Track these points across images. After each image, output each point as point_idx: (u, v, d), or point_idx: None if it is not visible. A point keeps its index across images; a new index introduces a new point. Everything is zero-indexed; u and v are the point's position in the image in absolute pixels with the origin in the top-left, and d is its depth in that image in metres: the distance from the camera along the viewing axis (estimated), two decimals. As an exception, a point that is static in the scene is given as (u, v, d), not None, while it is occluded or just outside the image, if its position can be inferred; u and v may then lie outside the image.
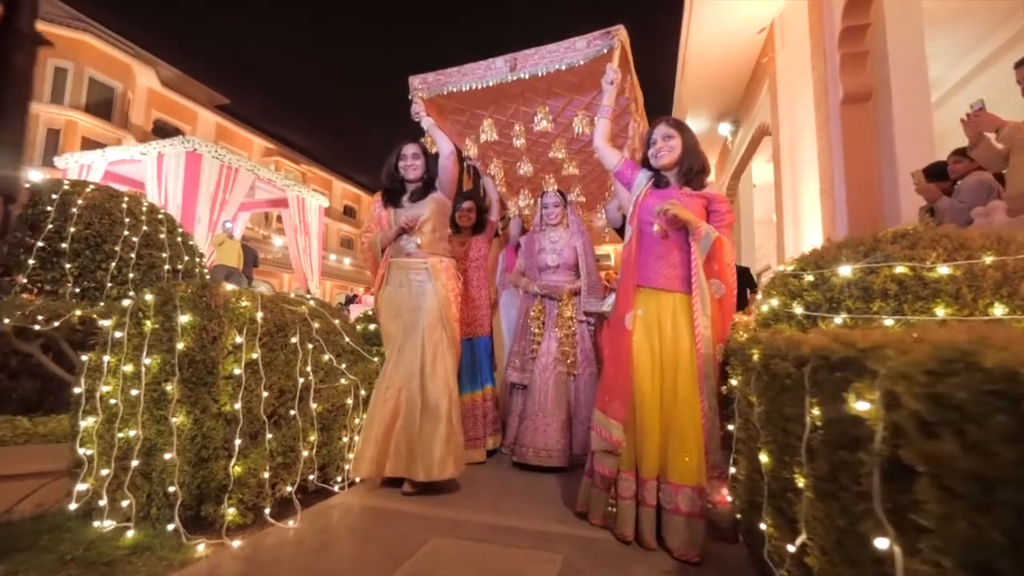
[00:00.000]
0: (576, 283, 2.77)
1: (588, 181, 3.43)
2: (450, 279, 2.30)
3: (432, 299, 2.22)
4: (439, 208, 2.34)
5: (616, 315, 1.81)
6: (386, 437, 2.12)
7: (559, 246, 2.81)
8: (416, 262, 2.29)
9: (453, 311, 2.27)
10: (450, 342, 2.23)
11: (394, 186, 2.39)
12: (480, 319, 2.86)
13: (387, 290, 2.31)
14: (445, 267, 2.30)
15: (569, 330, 2.66)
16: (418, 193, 2.36)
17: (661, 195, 1.83)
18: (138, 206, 4.01)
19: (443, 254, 2.35)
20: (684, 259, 1.79)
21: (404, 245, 2.31)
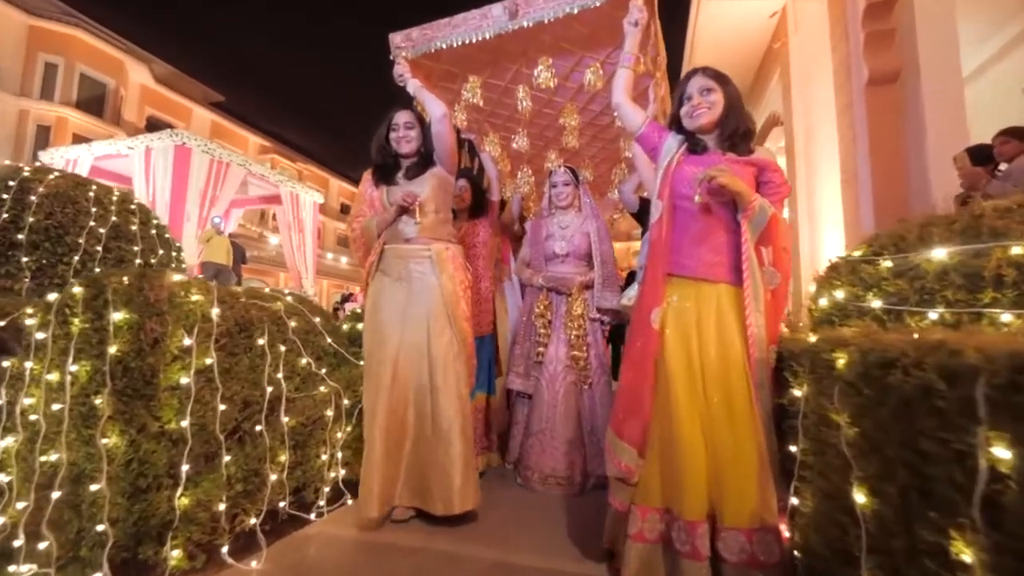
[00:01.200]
0: (589, 274, 2.43)
1: (599, 161, 3.08)
2: (458, 270, 1.95)
3: (437, 296, 1.88)
4: (441, 185, 1.99)
5: (640, 311, 1.48)
6: (393, 463, 1.79)
7: (569, 232, 2.46)
8: (417, 249, 1.93)
9: (463, 308, 1.93)
10: (461, 347, 1.89)
11: (386, 162, 2.03)
12: (481, 317, 2.52)
13: (382, 283, 1.95)
14: (452, 256, 1.95)
15: (580, 330, 2.32)
16: (415, 169, 2.00)
17: (699, 162, 1.49)
18: (107, 195, 3.68)
19: (448, 240, 2.01)
20: (731, 241, 1.46)
21: (402, 229, 1.96)
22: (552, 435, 2.24)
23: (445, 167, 2.01)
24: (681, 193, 1.50)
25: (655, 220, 1.52)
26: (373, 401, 1.83)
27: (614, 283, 2.42)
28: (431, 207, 1.97)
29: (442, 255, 1.93)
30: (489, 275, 2.59)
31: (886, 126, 4.52)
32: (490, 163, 2.72)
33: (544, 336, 2.35)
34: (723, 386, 1.37)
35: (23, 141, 14.99)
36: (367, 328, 1.93)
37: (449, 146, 1.96)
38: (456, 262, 1.97)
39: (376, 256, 1.97)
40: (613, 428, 1.43)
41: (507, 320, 2.74)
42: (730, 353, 1.38)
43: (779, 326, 1.44)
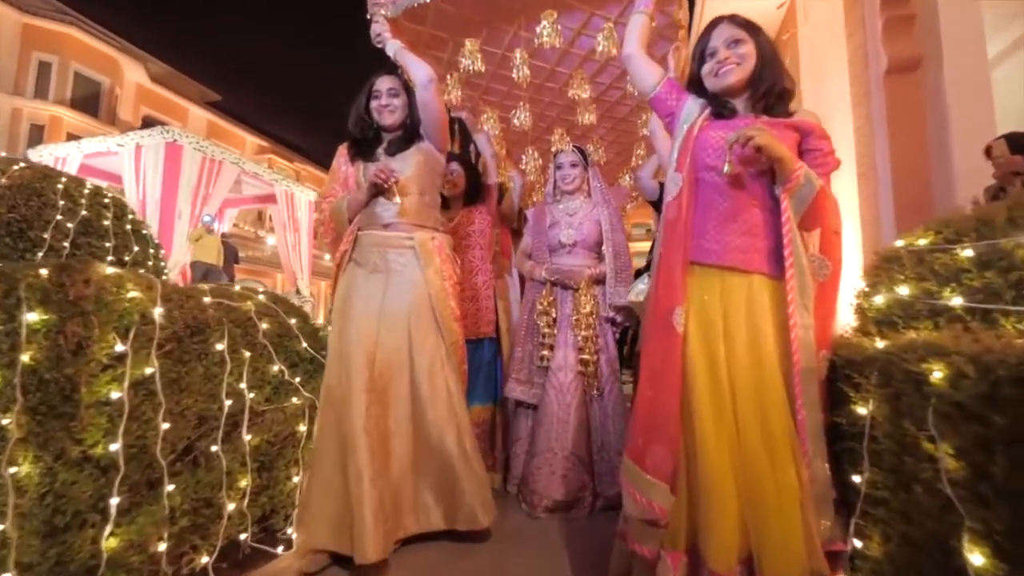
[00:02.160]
0: (599, 267, 2.18)
1: (610, 142, 2.83)
2: (446, 263, 1.69)
3: (422, 292, 1.62)
4: (427, 163, 1.72)
5: (657, 310, 1.21)
6: (388, 489, 1.50)
7: (577, 219, 2.21)
8: (398, 237, 1.66)
9: (452, 307, 1.67)
10: (450, 350, 1.64)
11: (365, 135, 1.76)
12: (479, 316, 2.25)
13: (355, 275, 1.67)
14: (438, 246, 1.70)
15: (590, 331, 2.07)
16: (398, 144, 1.73)
17: (727, 128, 1.24)
18: (78, 188, 3.44)
19: (435, 228, 1.74)
20: (767, 222, 1.21)
21: (379, 213, 1.68)
22: (563, 455, 1.97)
23: (434, 143, 1.74)
24: (704, 163, 1.24)
25: (672, 198, 1.26)
26: (339, 420, 1.52)
27: (629, 277, 2.16)
28: (414, 188, 1.70)
29: (427, 245, 1.66)
30: (488, 269, 2.32)
31: (906, 116, 4.29)
32: (485, 142, 2.45)
33: (549, 337, 2.09)
34: (758, 403, 1.11)
35: (16, 140, 14.78)
36: (334, 328, 1.65)
37: (438, 118, 1.70)
38: (443, 254, 1.70)
39: (349, 244, 1.70)
40: (632, 457, 1.16)
41: (510, 321, 2.49)
42: (766, 361, 1.12)
43: (831, 327, 1.19)
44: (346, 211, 1.71)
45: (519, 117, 2.28)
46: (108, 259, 3.48)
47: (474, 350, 2.23)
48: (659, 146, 1.78)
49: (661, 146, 1.76)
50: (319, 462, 1.52)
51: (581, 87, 2.17)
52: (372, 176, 1.61)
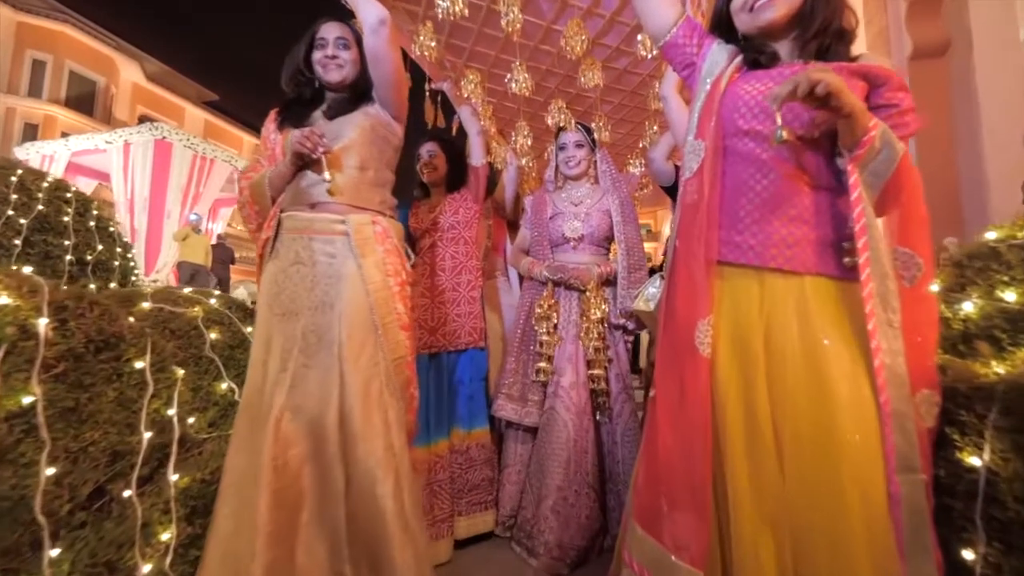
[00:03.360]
0: (609, 265, 1.89)
1: (616, 121, 2.52)
2: (391, 255, 1.34)
3: (357, 291, 1.27)
4: (375, 131, 1.39)
5: (674, 325, 0.93)
6: (284, 548, 1.12)
7: (583, 209, 1.92)
8: (326, 220, 1.32)
9: (399, 311, 1.32)
10: (393, 368, 1.27)
11: (302, 93, 1.44)
12: (461, 322, 1.94)
13: (275, 270, 1.34)
14: (381, 234, 1.34)
15: (600, 341, 1.78)
16: (340, 105, 1.41)
17: (767, 79, 0.95)
18: (36, 181, 3.17)
19: (379, 210, 1.39)
20: (826, 204, 0.92)
21: (307, 189, 1.35)
22: (584, 493, 1.64)
23: (387, 107, 1.41)
24: (736, 127, 0.94)
25: (691, 174, 0.96)
26: (244, 453, 1.18)
27: (643, 277, 1.86)
28: (354, 160, 1.36)
29: (364, 231, 1.32)
30: (474, 267, 2.01)
31: (932, 104, 4.00)
32: (470, 116, 2.10)
33: (547, 346, 1.80)
34: (820, 462, 0.79)
35: (9, 140, 14.58)
36: (254, 338, 1.33)
37: (391, 74, 1.35)
38: (388, 243, 1.35)
39: (271, 231, 1.37)
40: (644, 523, 0.87)
41: (504, 328, 2.19)
42: (835, 400, 0.80)
43: (932, 355, 0.86)
44: (268, 188, 1.38)
45: (516, 81, 1.94)
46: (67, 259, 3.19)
47: (455, 364, 1.93)
48: (674, 117, 1.47)
49: (676, 117, 1.46)
50: (218, 504, 1.18)
51: (576, 39, 1.80)
52: (295, 142, 1.29)
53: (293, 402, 1.20)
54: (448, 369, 1.92)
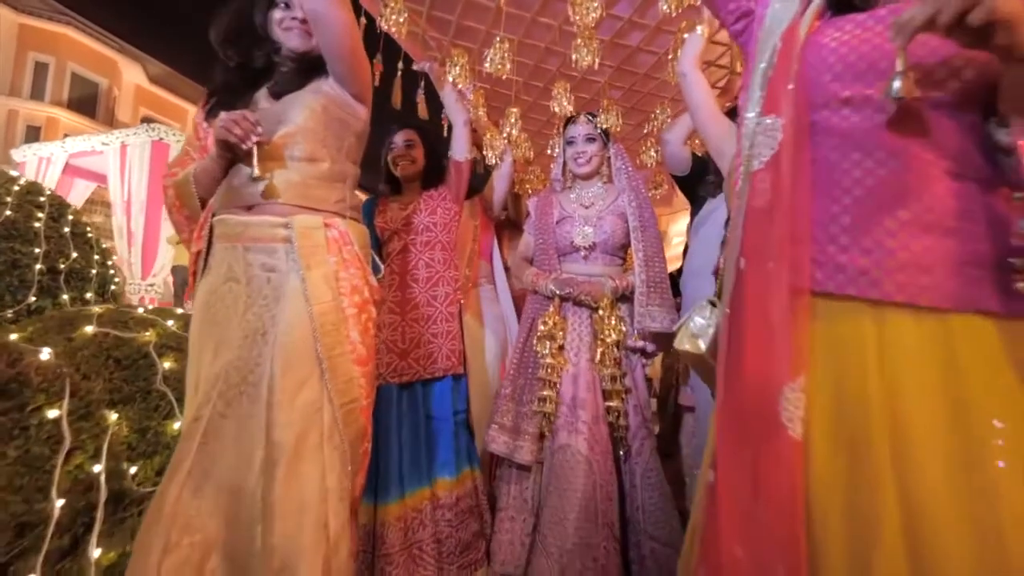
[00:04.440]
0: (625, 278, 1.64)
1: (626, 110, 2.24)
2: (348, 266, 1.10)
3: (297, 311, 1.01)
4: (328, 111, 1.13)
5: (742, 387, 0.67)
6: None
7: (595, 212, 1.66)
8: (265, 224, 1.06)
9: (350, 340, 1.05)
10: (342, 416, 1.00)
11: (247, 65, 1.18)
12: (437, 344, 1.65)
13: (205, 288, 1.09)
14: (337, 239, 1.09)
15: (616, 368, 1.53)
16: (289, 80, 1.16)
17: (870, 24, 0.67)
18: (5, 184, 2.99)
19: (335, 211, 1.14)
20: (976, 203, 0.62)
21: (240, 187, 1.10)
22: (608, 546, 1.39)
23: (344, 81, 1.15)
24: (829, 94, 0.67)
25: (761, 166, 0.69)
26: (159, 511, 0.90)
27: (665, 290, 1.61)
28: (300, 150, 1.09)
29: (312, 236, 1.05)
30: (453, 277, 1.75)
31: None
32: (455, 103, 1.82)
33: (551, 371, 1.55)
34: None
35: (12, 142, 14.54)
36: (187, 381, 1.08)
37: (341, 38, 1.09)
38: (347, 252, 1.09)
39: (202, 241, 1.11)
40: None
41: (485, 350, 1.91)
42: (1007, 553, 0.51)
43: None
44: (194, 186, 1.12)
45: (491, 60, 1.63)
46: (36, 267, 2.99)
47: (433, 394, 1.65)
48: (694, 97, 1.23)
49: (697, 97, 1.22)
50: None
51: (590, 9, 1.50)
52: (220, 127, 1.03)
53: (201, 466, 0.92)
54: (424, 401, 1.64)
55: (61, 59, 15.70)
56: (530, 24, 1.78)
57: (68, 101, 15.59)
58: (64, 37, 15.76)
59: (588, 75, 2.18)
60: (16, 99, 14.90)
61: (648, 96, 2.24)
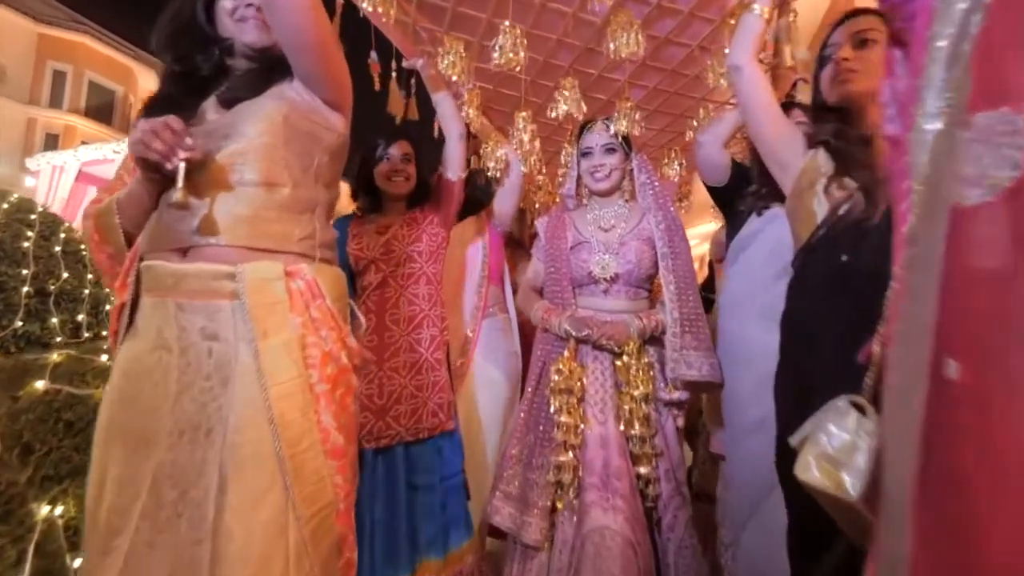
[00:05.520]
0: (653, 316, 1.38)
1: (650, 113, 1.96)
2: (319, 328, 0.84)
3: (250, 400, 0.76)
4: (290, 122, 0.89)
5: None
6: None
7: (617, 237, 1.41)
8: (204, 275, 0.81)
9: (325, 426, 0.80)
10: (313, 528, 0.75)
11: (195, 65, 0.93)
12: (422, 398, 1.40)
13: (126, 355, 0.84)
14: (304, 292, 0.85)
15: (645, 426, 1.27)
16: (245, 84, 0.91)
17: None
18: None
19: (301, 252, 0.88)
20: None
21: (174, 223, 0.84)
22: None
23: (314, 84, 0.91)
24: None
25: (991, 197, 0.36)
26: None
27: (700, 329, 1.34)
28: (251, 172, 0.84)
29: (267, 291, 0.80)
30: (439, 316, 1.49)
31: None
32: (451, 109, 1.56)
33: (568, 431, 1.27)
34: None
35: (31, 150, 14.82)
36: (90, 475, 0.82)
37: (306, 24, 0.85)
38: (316, 308, 0.84)
39: (127, 292, 0.87)
40: None
41: (494, 393, 1.65)
42: None
43: None
44: (118, 217, 0.90)
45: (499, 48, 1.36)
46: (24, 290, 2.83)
47: (418, 459, 1.39)
48: (751, 94, 1.00)
49: (753, 93, 1.00)
50: None
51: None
52: (136, 140, 0.78)
53: None
54: (406, 468, 1.37)
55: (78, 67, 15.94)
56: (539, 12, 1.51)
57: (85, 109, 15.83)
58: (81, 46, 16.00)
59: (605, 73, 1.91)
60: (35, 107, 15.14)
61: (674, 97, 1.96)
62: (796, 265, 0.97)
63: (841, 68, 0.92)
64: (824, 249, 0.89)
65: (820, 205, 0.90)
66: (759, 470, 1.09)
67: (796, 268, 0.97)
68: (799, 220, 0.95)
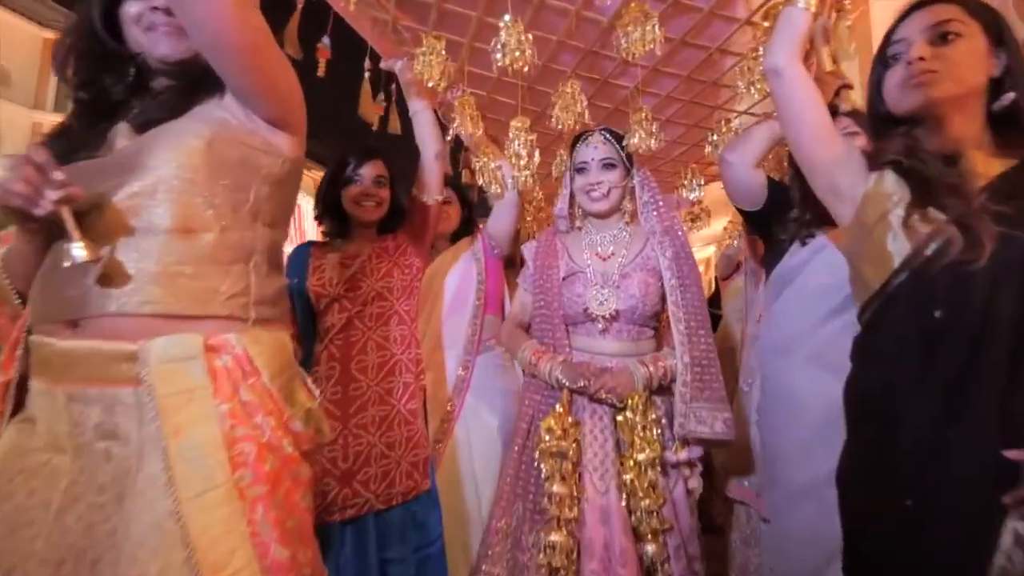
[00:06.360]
0: (661, 361, 1.17)
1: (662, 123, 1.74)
2: (252, 413, 0.65)
3: (158, 520, 0.57)
4: (215, 149, 0.69)
5: None
6: None
7: (615, 266, 1.21)
8: (96, 356, 0.63)
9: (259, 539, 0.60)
10: None
11: (102, 93, 0.73)
12: (393, 457, 1.21)
13: (13, 452, 0.64)
14: (233, 369, 0.65)
15: (652, 497, 1.05)
16: (162, 105, 0.72)
17: None
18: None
19: (230, 315, 0.68)
20: None
21: (59, 285, 0.66)
22: None
23: (248, 97, 0.73)
24: None
25: None
26: None
27: (714, 377, 1.15)
28: (161, 215, 0.66)
29: (180, 375, 0.63)
30: (414, 359, 1.30)
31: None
32: (430, 122, 1.36)
33: (562, 504, 1.04)
34: None
35: (34, 155, 14.87)
36: None
37: (229, 23, 0.65)
38: (248, 390, 0.66)
39: (15, 365, 0.69)
40: None
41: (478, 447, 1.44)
42: None
43: None
44: (5, 276, 0.74)
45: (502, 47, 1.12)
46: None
47: (389, 528, 1.20)
48: (794, 102, 0.81)
49: (799, 101, 0.81)
50: None
51: None
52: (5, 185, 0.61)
53: None
54: (377, 540, 1.18)
55: (84, 72, 16.04)
56: (538, 9, 1.32)
57: (90, 113, 15.89)
58: (87, 50, 16.11)
59: (612, 79, 1.72)
60: (40, 112, 15.11)
61: (688, 105, 1.76)
62: (865, 319, 0.76)
63: (916, 70, 0.72)
64: (908, 301, 0.69)
65: (897, 242, 0.69)
66: (815, 540, 0.95)
67: (866, 323, 0.77)
68: (867, 260, 0.74)
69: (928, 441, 0.65)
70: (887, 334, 0.72)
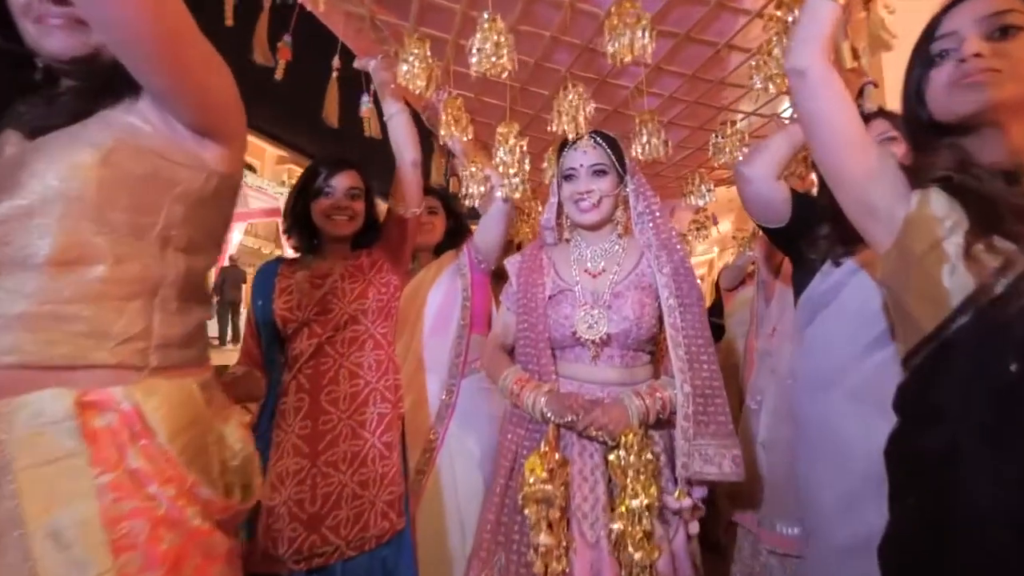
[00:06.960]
0: (658, 391, 1.04)
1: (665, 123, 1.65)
2: (148, 483, 0.54)
3: None
4: (115, 157, 0.57)
5: None
6: None
7: (606, 284, 1.10)
8: None
9: None
10: None
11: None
12: (367, 497, 1.11)
13: None
14: (116, 433, 0.54)
15: (646, 549, 0.92)
16: (61, 109, 0.60)
17: None
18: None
19: (115, 365, 0.56)
20: None
21: None
22: None
23: (165, 98, 0.61)
24: None
25: None
26: None
27: (720, 409, 1.03)
28: (37, 243, 0.55)
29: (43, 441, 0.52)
30: (391, 386, 1.20)
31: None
32: (403, 123, 1.26)
33: (547, 556, 0.93)
34: None
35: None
36: None
37: (145, 22, 0.54)
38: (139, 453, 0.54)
39: None
40: None
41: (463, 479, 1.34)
42: None
43: None
44: None
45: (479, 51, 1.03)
46: None
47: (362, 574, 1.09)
48: (821, 106, 0.70)
49: (826, 105, 0.69)
50: None
51: None
52: None
53: None
54: None
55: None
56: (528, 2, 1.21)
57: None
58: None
59: (610, 79, 1.60)
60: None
61: (693, 106, 1.64)
62: (915, 366, 0.63)
63: (973, 68, 0.61)
64: (972, 349, 0.56)
65: (955, 277, 0.56)
66: None
67: (914, 370, 0.63)
68: (915, 296, 0.62)
69: (1003, 513, 0.53)
70: (944, 388, 0.59)
